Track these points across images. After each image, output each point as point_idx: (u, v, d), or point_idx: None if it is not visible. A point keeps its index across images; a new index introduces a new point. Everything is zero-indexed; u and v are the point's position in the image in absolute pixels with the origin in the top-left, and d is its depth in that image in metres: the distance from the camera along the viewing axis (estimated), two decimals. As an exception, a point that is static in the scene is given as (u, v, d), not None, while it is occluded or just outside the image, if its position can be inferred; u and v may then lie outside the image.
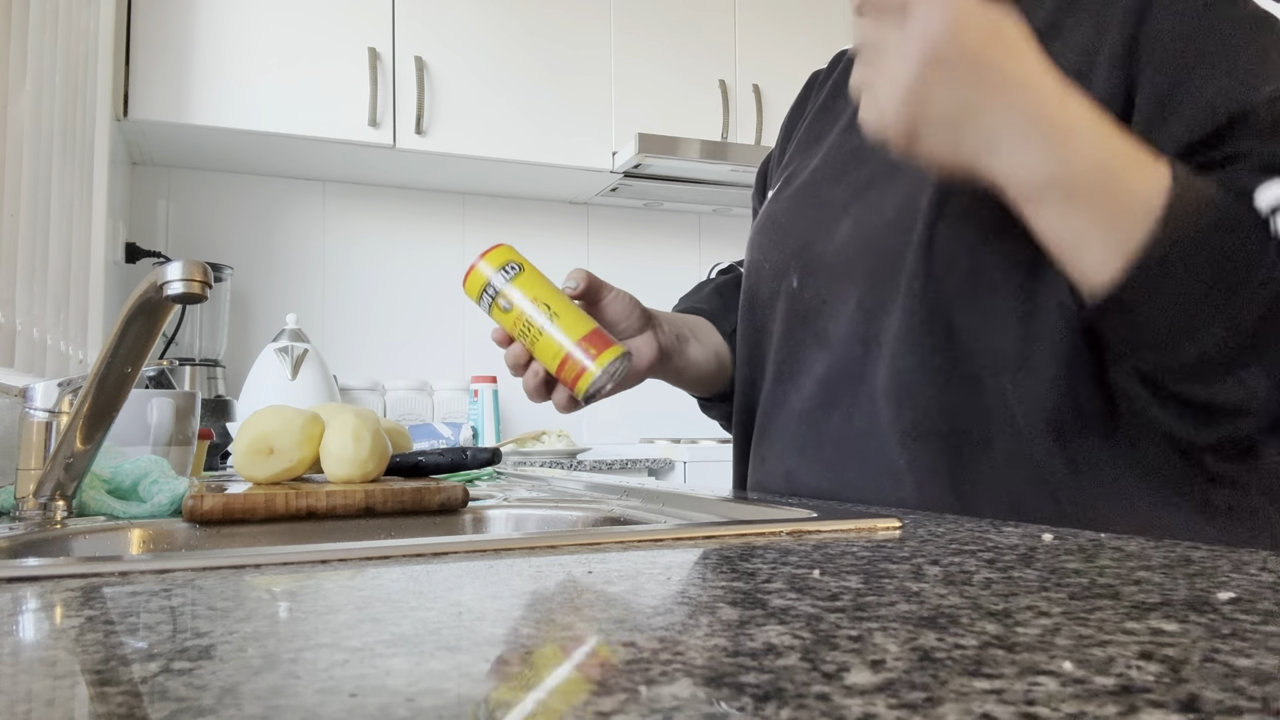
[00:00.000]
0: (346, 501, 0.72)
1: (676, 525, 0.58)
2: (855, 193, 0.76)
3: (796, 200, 0.82)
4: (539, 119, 2.44)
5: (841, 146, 0.81)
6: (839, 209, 0.76)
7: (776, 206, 0.85)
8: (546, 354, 0.75)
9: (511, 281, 0.76)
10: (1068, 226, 0.54)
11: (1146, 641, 0.27)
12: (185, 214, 2.47)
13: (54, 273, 1.48)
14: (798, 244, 0.79)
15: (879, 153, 0.72)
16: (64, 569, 0.41)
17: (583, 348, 0.73)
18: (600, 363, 0.73)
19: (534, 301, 0.75)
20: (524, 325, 0.75)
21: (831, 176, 0.79)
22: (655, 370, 0.87)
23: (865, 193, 0.75)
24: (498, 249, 0.77)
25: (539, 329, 0.74)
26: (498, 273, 0.76)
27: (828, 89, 0.90)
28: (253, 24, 2.19)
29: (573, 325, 0.74)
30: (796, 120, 0.94)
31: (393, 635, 0.29)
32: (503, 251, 0.77)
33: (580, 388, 0.74)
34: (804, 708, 0.21)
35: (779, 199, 0.85)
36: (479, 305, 0.77)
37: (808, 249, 0.78)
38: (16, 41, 1.28)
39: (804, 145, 0.88)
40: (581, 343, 0.74)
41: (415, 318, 2.66)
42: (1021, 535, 0.50)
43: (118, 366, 0.65)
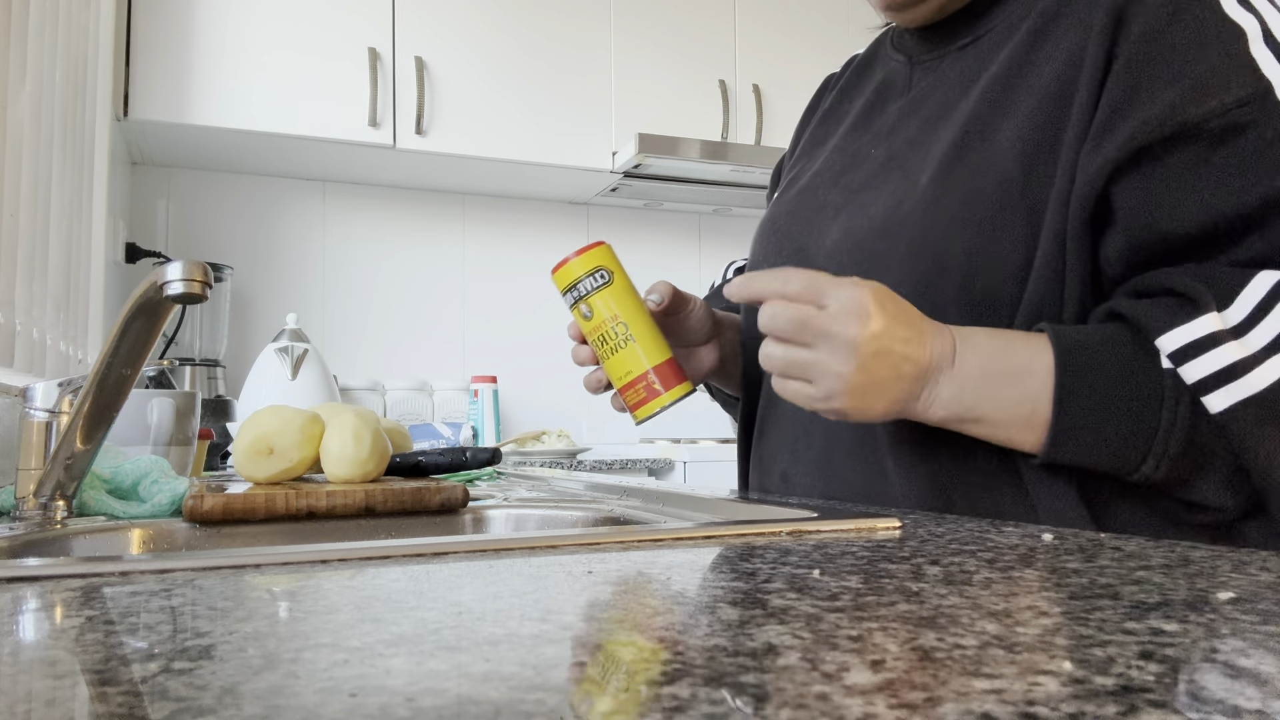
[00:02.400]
0: (346, 501, 0.72)
1: (676, 525, 0.58)
2: (848, 195, 0.76)
3: (796, 203, 0.83)
4: (539, 119, 2.44)
5: (843, 150, 0.81)
6: (833, 212, 0.77)
7: (778, 209, 0.85)
8: (616, 371, 0.76)
9: (598, 290, 0.76)
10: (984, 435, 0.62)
11: (1146, 641, 0.27)
12: (185, 214, 2.47)
13: (54, 273, 1.48)
14: (794, 246, 0.80)
15: (874, 155, 0.76)
16: (64, 569, 0.41)
17: (654, 377, 0.75)
18: (669, 397, 0.75)
19: (615, 317, 0.76)
20: (600, 336, 0.76)
21: (830, 180, 0.80)
22: (712, 377, 0.89)
23: (858, 195, 0.75)
24: (596, 249, 0.77)
25: (614, 346, 0.75)
26: (588, 277, 0.76)
27: (834, 93, 0.91)
28: (253, 24, 2.19)
29: (650, 351, 0.75)
30: (807, 123, 0.95)
31: (393, 635, 0.29)
32: (599, 254, 0.77)
33: (641, 414, 0.76)
34: (804, 708, 0.21)
35: (781, 201, 0.86)
36: (562, 298, 0.78)
37: (802, 251, 0.79)
38: (16, 41, 1.28)
39: (809, 148, 0.89)
40: (654, 371, 0.75)
41: (415, 318, 2.66)
42: (1021, 535, 0.50)
43: (118, 366, 0.65)
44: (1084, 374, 0.58)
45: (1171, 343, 0.56)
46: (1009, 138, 0.65)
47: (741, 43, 2.66)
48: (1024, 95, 0.66)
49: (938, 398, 0.61)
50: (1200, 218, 0.58)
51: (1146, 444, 0.57)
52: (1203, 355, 0.55)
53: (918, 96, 0.76)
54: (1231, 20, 0.60)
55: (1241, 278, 0.56)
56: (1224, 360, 0.55)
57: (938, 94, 0.74)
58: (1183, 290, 0.57)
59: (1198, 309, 0.56)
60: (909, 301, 0.63)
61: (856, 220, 0.74)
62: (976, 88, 0.70)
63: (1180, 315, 0.56)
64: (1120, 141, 0.60)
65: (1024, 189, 0.64)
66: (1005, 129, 0.66)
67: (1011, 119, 0.66)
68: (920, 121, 0.74)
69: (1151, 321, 0.57)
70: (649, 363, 0.75)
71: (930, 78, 0.76)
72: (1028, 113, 0.65)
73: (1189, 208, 0.59)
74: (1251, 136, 0.57)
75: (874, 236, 0.71)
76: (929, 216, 0.67)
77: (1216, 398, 0.55)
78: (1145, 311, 0.58)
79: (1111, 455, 0.58)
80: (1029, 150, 0.64)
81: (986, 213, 0.64)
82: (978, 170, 0.66)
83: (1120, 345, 0.58)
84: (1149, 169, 0.60)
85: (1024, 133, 0.65)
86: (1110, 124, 0.61)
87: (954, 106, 0.71)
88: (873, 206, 0.73)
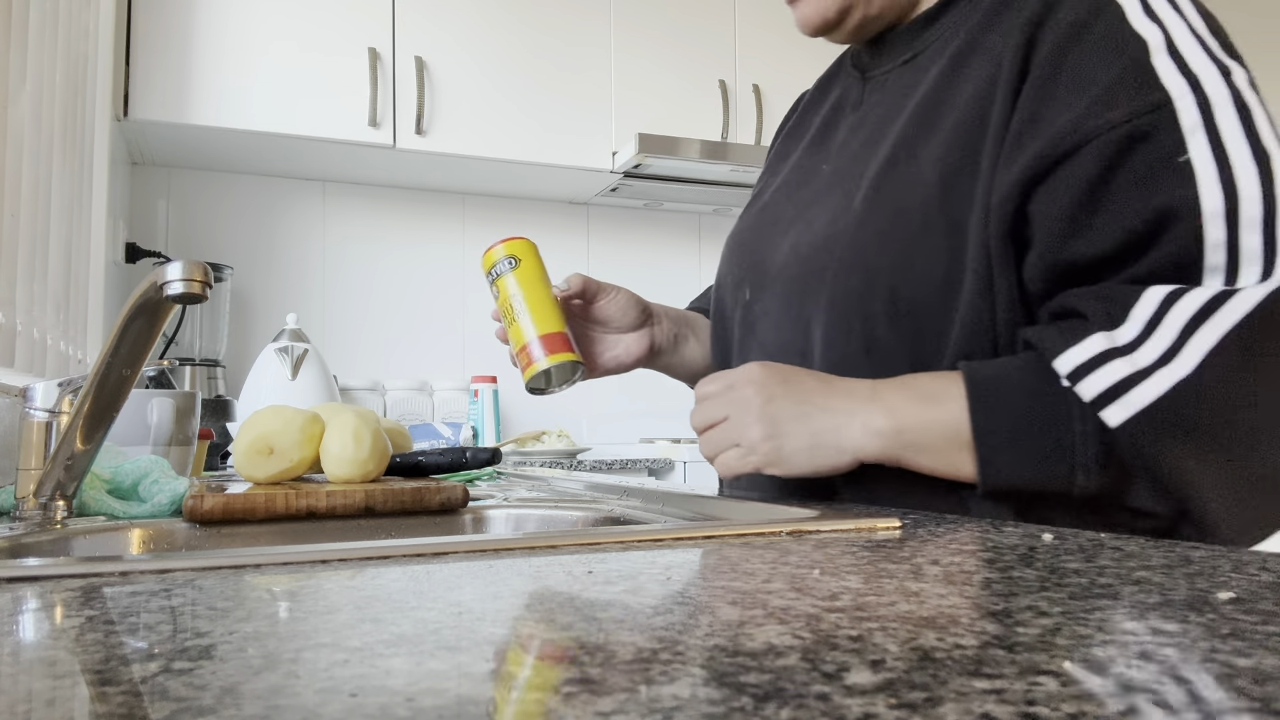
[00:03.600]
0: (346, 501, 0.72)
1: (676, 525, 0.58)
2: (799, 210, 0.80)
3: (757, 217, 0.87)
4: (539, 119, 2.44)
5: (800, 165, 0.85)
6: (785, 226, 0.81)
7: (742, 224, 0.90)
8: (514, 338, 0.87)
9: (509, 271, 0.87)
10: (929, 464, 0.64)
11: (1146, 641, 0.27)
12: (185, 214, 2.47)
13: (54, 273, 1.48)
14: (752, 259, 0.84)
15: (824, 171, 0.80)
16: (64, 569, 0.41)
17: (540, 344, 0.84)
18: (549, 360, 0.84)
19: (519, 293, 0.86)
20: (506, 309, 0.87)
21: (786, 195, 0.84)
22: (645, 363, 0.95)
23: (807, 210, 0.79)
24: (514, 241, 0.89)
25: (513, 316, 0.87)
26: (503, 260, 0.88)
27: (801, 109, 0.95)
28: (253, 24, 2.19)
29: (541, 321, 0.85)
30: (777, 139, 0.99)
31: (393, 635, 0.29)
32: (516, 245, 0.88)
33: (525, 375, 0.85)
34: (804, 708, 0.21)
35: (745, 216, 0.90)
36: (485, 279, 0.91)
37: (759, 264, 0.83)
38: (16, 41, 1.28)
39: (774, 164, 0.94)
40: (541, 339, 0.85)
41: (415, 318, 2.66)
42: (1021, 535, 0.50)
43: (118, 366, 0.65)
44: (996, 401, 0.61)
45: (1066, 364, 0.58)
46: (931, 157, 0.68)
47: (741, 43, 2.66)
48: (947, 114, 0.69)
49: (870, 427, 0.64)
50: (1103, 240, 0.60)
51: (1069, 457, 0.59)
52: (1094, 373, 0.57)
53: (865, 112, 0.79)
54: (1135, 31, 0.61)
55: (1133, 294, 0.58)
56: (1114, 376, 0.56)
57: (880, 110, 0.77)
58: (1080, 310, 0.60)
59: (1088, 329, 0.58)
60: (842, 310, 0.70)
61: (803, 235, 0.77)
62: (908, 107, 0.73)
63: (1072, 336, 0.59)
64: (1030, 157, 0.62)
65: (944, 206, 0.66)
66: (929, 148, 0.68)
67: (935, 138, 0.68)
68: (864, 138, 0.77)
69: (1048, 345, 0.60)
70: (537, 332, 0.85)
71: (878, 93, 0.79)
72: (949, 132, 0.67)
73: (1097, 226, 0.60)
74: (1151, 146, 0.59)
75: (815, 250, 0.75)
76: (859, 233, 0.71)
77: (1112, 412, 0.57)
78: (1043, 335, 0.61)
79: (1042, 472, 0.60)
80: (950, 168, 0.66)
81: (910, 229, 0.67)
82: (903, 188, 0.69)
83: (1028, 371, 0.61)
84: (1058, 184, 0.61)
85: (945, 152, 0.67)
86: (1020, 140, 0.63)
87: (890, 124, 0.74)
88: (816, 221, 0.76)
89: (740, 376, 0.68)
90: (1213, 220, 0.57)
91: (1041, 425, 0.59)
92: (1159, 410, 0.55)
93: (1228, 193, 0.57)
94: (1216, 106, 0.58)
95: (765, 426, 0.66)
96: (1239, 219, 0.57)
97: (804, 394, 0.66)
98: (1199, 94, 0.59)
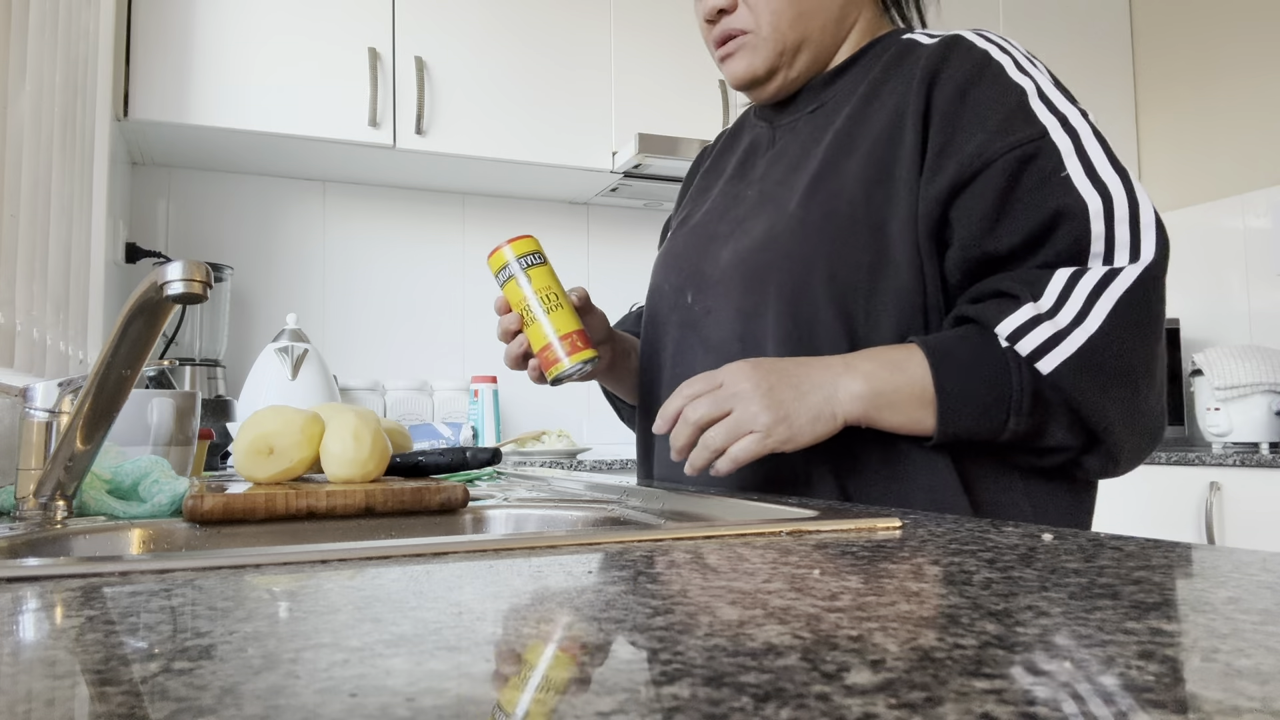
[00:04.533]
0: (346, 501, 0.72)
1: (676, 525, 0.58)
2: (734, 226, 0.94)
3: (691, 235, 1.00)
4: (539, 119, 2.43)
5: (725, 193, 1.00)
6: (722, 240, 0.94)
7: (675, 241, 1.03)
8: (533, 337, 0.91)
9: (529, 268, 0.92)
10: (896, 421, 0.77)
11: (1146, 641, 0.27)
12: (185, 214, 2.47)
13: (54, 273, 1.48)
14: (691, 268, 0.97)
15: (750, 195, 0.96)
16: (64, 569, 0.41)
17: (565, 342, 0.90)
18: (574, 359, 0.90)
19: (536, 293, 0.91)
20: (523, 308, 0.91)
21: (717, 216, 0.98)
22: (602, 375, 1.08)
23: (741, 224, 0.93)
24: (525, 239, 0.93)
25: (532, 316, 0.91)
26: (519, 259, 0.92)
27: (713, 155, 1.12)
28: (253, 24, 2.19)
29: (561, 321, 0.91)
30: (690, 183, 1.16)
31: (393, 635, 0.29)
32: (529, 242, 0.93)
33: (551, 372, 0.91)
34: (804, 708, 0.21)
35: (677, 236, 1.04)
36: (495, 277, 0.94)
37: (699, 272, 0.95)
38: (16, 41, 1.28)
39: (695, 195, 1.09)
40: (565, 338, 0.90)
41: (415, 318, 2.66)
42: (1021, 535, 0.50)
43: (118, 367, 0.65)
44: (950, 364, 0.76)
45: (1006, 328, 0.75)
46: (853, 172, 0.84)
47: (741, 43, 2.65)
48: (862, 140, 0.85)
49: (851, 392, 0.76)
50: (1012, 237, 0.77)
51: (1007, 404, 0.74)
52: (1029, 334, 0.74)
53: (780, 150, 0.96)
54: (1014, 82, 0.80)
55: (1046, 276, 0.75)
56: (1044, 335, 0.73)
57: (795, 147, 0.93)
58: (1007, 290, 0.76)
59: (1019, 302, 0.75)
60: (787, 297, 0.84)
61: (741, 243, 0.91)
62: (825, 139, 0.89)
63: (1008, 308, 0.75)
64: (947, 178, 0.79)
65: (866, 209, 0.82)
66: (850, 166, 0.85)
67: (854, 158, 0.85)
68: (784, 168, 0.93)
69: (989, 316, 0.76)
70: (561, 331, 0.90)
71: (789, 136, 0.96)
72: (865, 154, 0.84)
73: (1002, 229, 0.77)
74: (1039, 164, 0.76)
75: (756, 252, 0.88)
76: (799, 231, 0.85)
77: (1045, 362, 0.73)
78: (983, 311, 0.77)
79: (986, 421, 0.75)
80: (869, 179, 0.83)
81: (840, 226, 0.83)
82: (831, 196, 0.84)
83: (971, 338, 0.77)
84: (971, 197, 0.78)
85: (864, 169, 0.83)
86: (937, 165, 0.80)
87: (809, 153, 0.90)
88: (754, 231, 0.90)
89: (729, 375, 0.77)
90: (1095, 218, 0.76)
91: (988, 381, 0.75)
92: (1078, 358, 0.73)
93: (1104, 198, 0.76)
94: (1083, 136, 0.78)
95: (774, 412, 0.74)
96: (1114, 217, 0.76)
97: (793, 377, 0.76)
98: (1068, 128, 0.78)
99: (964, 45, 0.83)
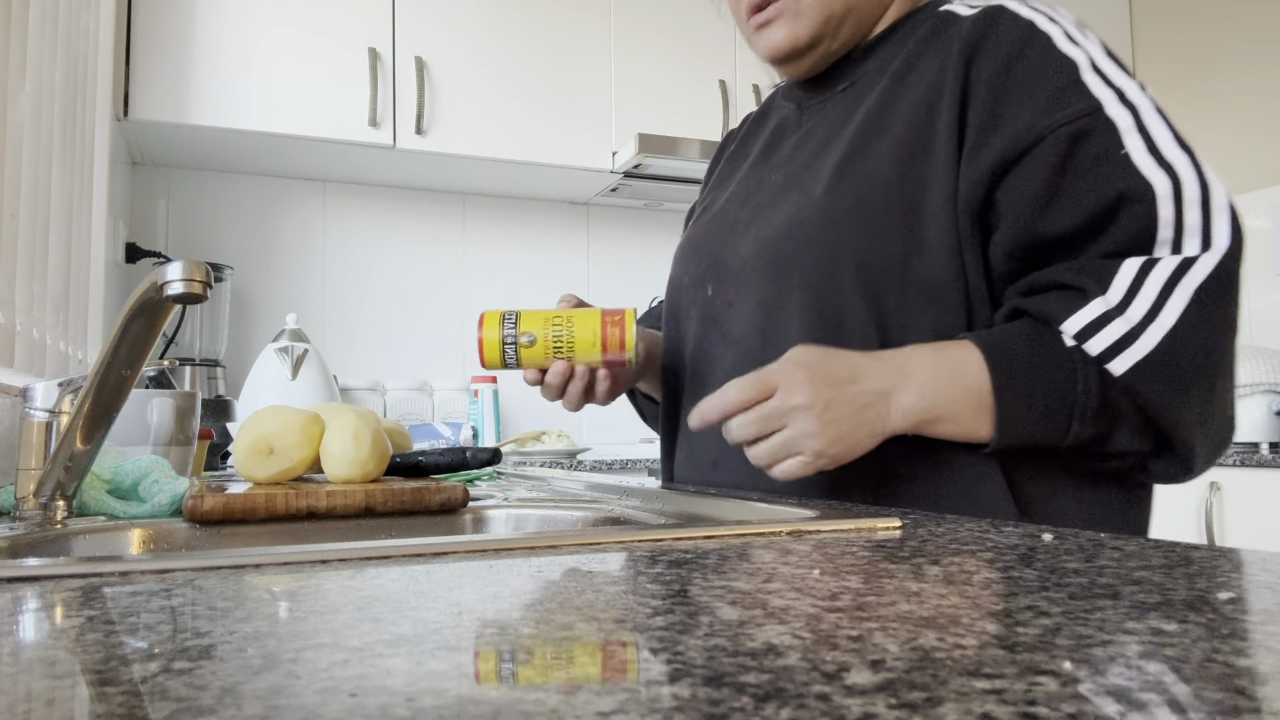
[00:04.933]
0: (346, 501, 0.72)
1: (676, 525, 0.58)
2: (756, 213, 0.88)
3: (711, 224, 0.95)
4: (539, 119, 2.43)
5: (748, 179, 0.94)
6: (744, 228, 0.89)
7: (695, 231, 0.98)
8: (584, 345, 0.85)
9: (519, 324, 0.85)
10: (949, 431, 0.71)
11: (1146, 641, 0.27)
12: (185, 214, 2.47)
13: (54, 273, 1.48)
14: (711, 259, 0.91)
15: (774, 180, 0.89)
16: (64, 569, 0.41)
17: (608, 322, 0.85)
18: (628, 322, 0.85)
19: (546, 323, 0.85)
20: (552, 341, 0.84)
21: (739, 203, 0.92)
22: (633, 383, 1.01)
23: (763, 212, 0.87)
24: (488, 314, 0.86)
25: (568, 335, 0.85)
26: (502, 329, 0.85)
27: (739, 139, 1.05)
28: (253, 24, 2.19)
29: (587, 317, 0.85)
30: (714, 169, 1.09)
31: (393, 635, 0.29)
32: (492, 314, 0.86)
33: (629, 343, 0.85)
34: (804, 708, 0.21)
35: (698, 224, 0.98)
36: (506, 366, 0.86)
37: (720, 263, 0.90)
38: (16, 41, 1.28)
39: (718, 183, 1.03)
40: (604, 320, 0.85)
41: (415, 318, 2.66)
42: (1021, 535, 0.50)
43: (118, 367, 0.65)
44: (1009, 364, 0.69)
45: (1073, 326, 0.68)
46: (886, 152, 0.78)
47: (742, 43, 2.65)
48: (895, 119, 0.79)
49: (902, 407, 0.70)
50: (1067, 220, 0.71)
51: (1070, 409, 0.68)
52: (1100, 332, 0.67)
53: (808, 132, 0.89)
54: (1065, 54, 0.73)
55: (1112, 266, 0.69)
56: (1117, 333, 0.67)
57: (823, 128, 0.87)
58: (1070, 283, 0.69)
59: (1087, 296, 0.68)
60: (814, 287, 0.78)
61: (764, 231, 0.85)
62: (856, 118, 0.83)
63: (1074, 303, 0.68)
64: (992, 156, 0.72)
65: (901, 191, 0.76)
66: (882, 146, 0.79)
67: (886, 138, 0.79)
68: (811, 150, 0.87)
69: (1052, 312, 0.69)
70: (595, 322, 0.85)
71: (817, 117, 0.89)
72: (899, 132, 0.78)
73: (1056, 211, 0.71)
74: (1095, 142, 0.70)
75: (779, 241, 0.83)
76: (825, 218, 0.79)
77: (1118, 363, 0.67)
78: (1044, 305, 0.70)
79: (1047, 427, 0.69)
80: (904, 160, 0.77)
81: (872, 211, 0.77)
82: (862, 179, 0.78)
83: (1031, 336, 0.70)
84: (1019, 177, 0.72)
85: (898, 148, 0.77)
86: (980, 142, 0.73)
87: (838, 134, 0.84)
88: (777, 218, 0.85)
89: (784, 378, 0.70)
90: (1163, 202, 0.68)
91: (1051, 384, 0.68)
92: (1153, 359, 0.66)
93: (1171, 179, 0.69)
94: (1142, 111, 0.71)
95: (828, 433, 0.69)
96: (1183, 200, 0.69)
97: (849, 391, 0.70)
98: (1125, 101, 0.71)
99: (1007, 15, 0.76)
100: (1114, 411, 0.68)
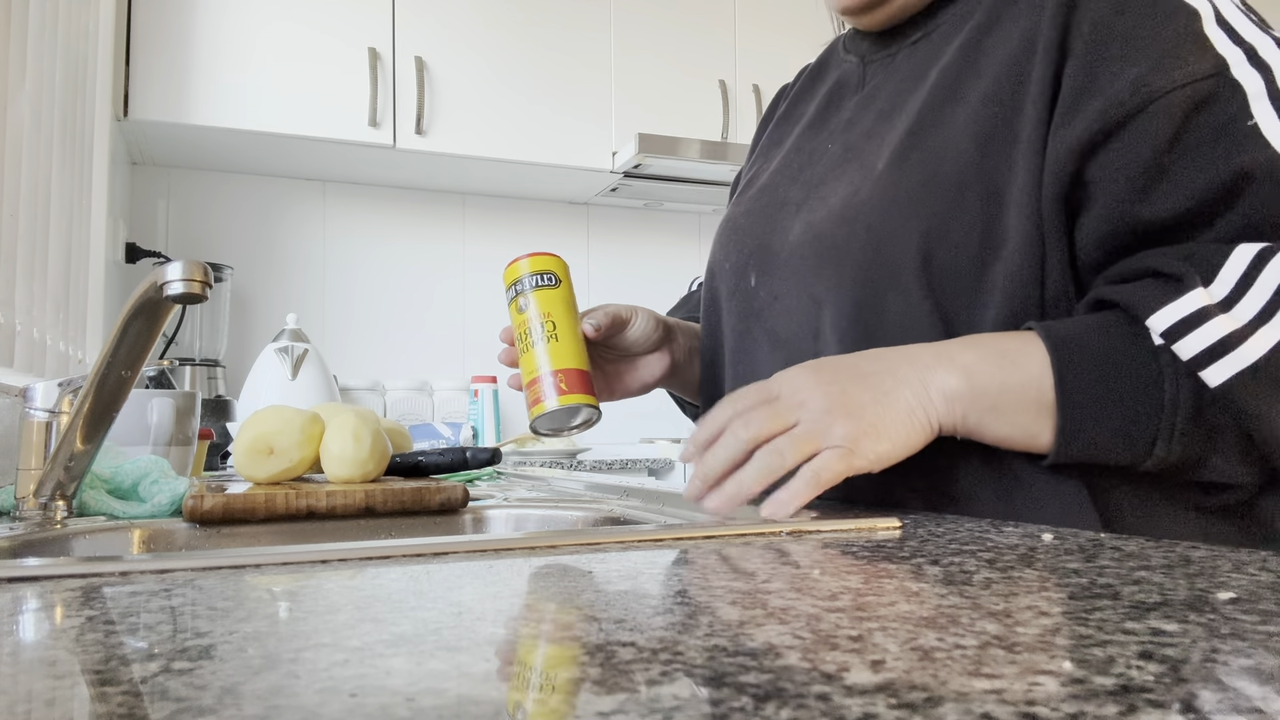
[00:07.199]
0: (346, 501, 0.72)
1: (676, 525, 0.57)
2: (808, 190, 0.76)
3: (756, 201, 0.83)
4: (539, 119, 2.43)
5: (800, 148, 0.82)
6: (794, 208, 0.77)
7: (737, 209, 0.85)
8: (526, 367, 0.75)
9: (536, 289, 0.76)
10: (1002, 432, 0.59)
11: (1146, 641, 0.27)
12: (185, 214, 2.47)
13: (54, 273, 1.48)
14: (755, 243, 0.80)
15: (831, 150, 0.77)
16: (64, 569, 0.41)
17: (554, 379, 0.73)
18: (561, 401, 0.72)
19: (542, 316, 0.75)
20: (523, 332, 0.76)
21: (789, 178, 0.80)
22: (663, 383, 0.90)
23: (817, 189, 0.75)
24: (544, 256, 0.77)
25: (531, 342, 0.75)
26: (532, 276, 0.76)
27: (790, 98, 0.92)
28: (253, 24, 2.19)
29: (560, 355, 0.73)
30: (763, 131, 0.96)
31: (393, 635, 0.29)
32: (546, 260, 0.77)
33: (533, 413, 0.74)
34: (804, 708, 0.21)
35: (740, 201, 0.86)
36: (505, 294, 0.78)
37: (764, 248, 0.78)
38: (16, 41, 1.28)
39: (765, 150, 0.90)
40: (556, 374, 0.73)
41: (415, 318, 2.66)
42: (1021, 535, 0.50)
43: (118, 367, 0.65)
44: (1080, 362, 0.57)
45: (1162, 321, 0.55)
46: (964, 122, 0.66)
47: (741, 43, 2.66)
48: (975, 82, 0.67)
49: (944, 389, 0.58)
50: (1175, 202, 0.58)
51: (1154, 424, 0.55)
52: (1194, 331, 0.54)
53: (871, 91, 0.77)
54: (1183, 1, 0.61)
55: (1222, 252, 0.56)
56: (1216, 334, 0.54)
57: (890, 87, 0.75)
58: (1166, 270, 0.57)
59: (1183, 286, 0.55)
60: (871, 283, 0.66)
61: (817, 213, 0.73)
62: (929, 78, 0.71)
63: (1168, 294, 0.56)
64: (1088, 120, 0.60)
65: (980, 170, 0.64)
66: (959, 114, 0.66)
67: (964, 105, 0.67)
68: (875, 114, 0.74)
69: (1139, 303, 0.56)
70: (554, 366, 0.73)
71: (883, 74, 0.77)
72: (981, 98, 0.66)
73: (1162, 191, 0.59)
74: (1216, 110, 0.58)
75: (833, 225, 0.71)
76: (886, 200, 0.67)
77: (1214, 371, 0.54)
78: (1132, 294, 0.57)
79: (1122, 441, 0.56)
80: (985, 132, 0.64)
81: (944, 193, 0.64)
82: (934, 154, 0.66)
83: (1111, 331, 0.57)
84: (1119, 149, 0.60)
85: (978, 117, 0.65)
86: (1076, 105, 0.61)
87: (908, 97, 0.72)
88: (832, 197, 0.72)
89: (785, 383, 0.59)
90: None
91: (1129, 388, 0.56)
92: (1262, 368, 0.53)
93: None
94: (1278, 73, 0.58)
95: (853, 420, 0.56)
96: None
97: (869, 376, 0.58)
98: (1256, 61, 0.58)
99: None
100: (1210, 431, 0.55)
